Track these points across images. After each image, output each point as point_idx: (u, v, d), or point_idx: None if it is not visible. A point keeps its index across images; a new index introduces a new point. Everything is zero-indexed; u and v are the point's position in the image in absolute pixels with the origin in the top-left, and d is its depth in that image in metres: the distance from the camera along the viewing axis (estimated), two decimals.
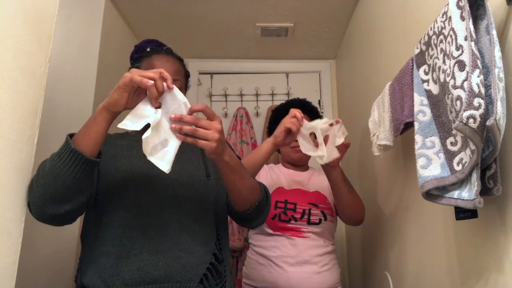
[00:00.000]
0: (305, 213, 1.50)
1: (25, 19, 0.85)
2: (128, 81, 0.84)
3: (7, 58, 0.79)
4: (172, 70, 1.08)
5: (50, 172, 0.84)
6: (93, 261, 0.96)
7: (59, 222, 0.92)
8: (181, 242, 0.98)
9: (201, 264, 0.99)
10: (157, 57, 1.11)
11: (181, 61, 1.17)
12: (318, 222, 1.50)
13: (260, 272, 1.47)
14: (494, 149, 0.71)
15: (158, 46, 1.18)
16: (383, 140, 1.26)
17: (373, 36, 1.77)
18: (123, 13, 2.15)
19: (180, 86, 1.10)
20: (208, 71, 2.72)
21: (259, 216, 1.09)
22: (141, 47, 1.19)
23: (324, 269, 1.46)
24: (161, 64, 1.08)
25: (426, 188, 0.86)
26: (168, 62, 1.10)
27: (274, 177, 1.63)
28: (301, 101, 1.69)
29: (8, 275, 0.79)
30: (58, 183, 0.84)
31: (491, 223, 0.82)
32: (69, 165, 0.83)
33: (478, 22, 0.78)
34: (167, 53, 1.14)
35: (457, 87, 0.72)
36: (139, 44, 1.21)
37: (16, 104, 0.82)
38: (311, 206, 1.51)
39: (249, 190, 1.03)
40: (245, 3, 2.10)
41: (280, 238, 1.48)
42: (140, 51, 1.17)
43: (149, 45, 1.18)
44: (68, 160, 0.84)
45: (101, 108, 0.87)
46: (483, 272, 0.85)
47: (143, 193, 1.01)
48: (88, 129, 0.88)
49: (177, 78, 1.09)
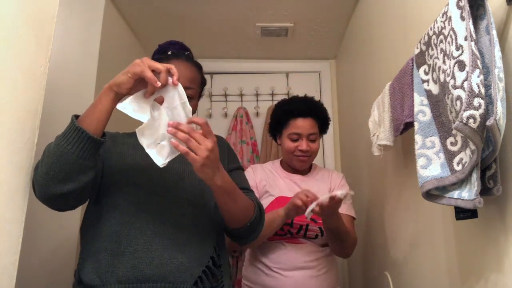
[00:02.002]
0: (302, 229, 1.44)
1: (25, 19, 0.85)
2: (139, 72, 0.86)
3: (7, 58, 0.79)
4: (188, 77, 1.08)
5: (54, 150, 0.85)
6: (90, 256, 0.96)
7: (61, 205, 0.92)
8: (178, 243, 0.98)
9: (197, 266, 0.98)
10: (176, 62, 1.09)
11: (200, 69, 1.17)
12: (315, 237, 1.45)
13: (259, 277, 1.45)
14: (494, 149, 0.71)
15: (180, 50, 1.17)
16: (383, 140, 1.26)
17: (373, 36, 1.77)
18: (123, 13, 2.15)
19: (193, 94, 1.10)
20: (208, 71, 2.71)
21: (250, 235, 1.08)
22: (164, 48, 1.18)
23: (321, 272, 1.44)
24: (179, 70, 1.06)
25: (426, 188, 0.86)
26: (186, 69, 1.09)
27: (271, 181, 1.56)
28: (305, 100, 1.57)
29: (8, 275, 0.79)
30: (61, 161, 0.85)
31: (491, 223, 0.82)
32: (73, 143, 0.85)
33: (478, 22, 0.78)
34: (187, 60, 1.13)
35: (457, 87, 0.72)
36: (163, 45, 1.19)
37: (16, 104, 0.82)
38: (310, 222, 1.44)
39: (242, 211, 1.03)
40: (245, 3, 2.10)
41: (276, 244, 1.45)
42: (162, 52, 1.16)
43: (172, 47, 1.17)
44: (72, 138, 0.85)
45: (106, 87, 0.89)
46: (483, 272, 0.85)
47: (143, 191, 1.01)
48: (93, 108, 0.90)
49: (192, 86, 1.09)
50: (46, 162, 0.86)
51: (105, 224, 0.98)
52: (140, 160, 1.04)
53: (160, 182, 1.03)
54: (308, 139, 1.51)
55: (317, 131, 1.53)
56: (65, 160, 0.85)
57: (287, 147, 1.53)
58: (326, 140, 2.64)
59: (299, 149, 1.50)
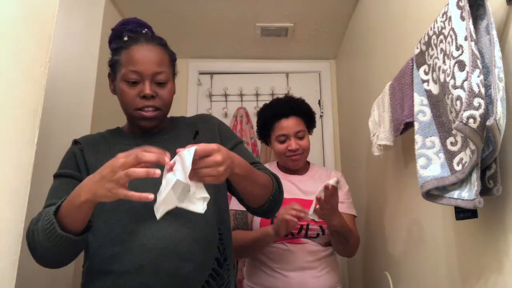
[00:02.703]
0: (303, 229, 1.44)
1: (25, 19, 0.85)
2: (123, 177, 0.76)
3: (7, 58, 0.79)
4: (154, 61, 1.01)
5: (45, 242, 0.86)
6: (95, 276, 0.95)
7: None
8: (181, 251, 0.94)
9: (202, 271, 0.96)
10: (136, 48, 1.02)
11: (164, 46, 1.08)
12: (316, 236, 1.45)
13: (260, 277, 1.45)
14: (494, 149, 0.71)
15: (136, 28, 1.07)
16: (383, 140, 1.26)
17: (373, 36, 1.77)
18: (123, 13, 2.15)
19: (166, 78, 1.04)
20: (208, 71, 2.72)
21: (275, 207, 1.06)
22: (119, 31, 1.07)
23: (323, 272, 1.44)
24: (142, 57, 1.01)
25: (426, 188, 0.86)
26: (149, 53, 1.02)
27: None
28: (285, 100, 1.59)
29: (8, 275, 0.79)
30: (53, 251, 0.87)
31: (491, 223, 0.82)
32: (59, 244, 0.85)
33: (478, 22, 0.78)
34: (147, 41, 1.04)
35: (457, 87, 0.72)
36: (116, 27, 1.08)
37: (16, 104, 0.82)
38: (310, 221, 1.42)
39: (262, 189, 1.01)
40: (245, 3, 2.10)
41: (277, 245, 1.44)
42: (118, 37, 1.07)
43: (126, 28, 1.07)
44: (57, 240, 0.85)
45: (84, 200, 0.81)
46: (483, 272, 0.85)
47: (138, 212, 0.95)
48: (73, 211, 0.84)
49: (161, 69, 1.02)
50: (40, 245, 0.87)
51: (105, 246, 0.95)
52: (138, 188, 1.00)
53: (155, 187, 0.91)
54: (296, 137, 1.52)
55: (303, 128, 1.54)
56: (57, 252, 0.87)
57: (277, 149, 1.54)
58: (326, 140, 2.64)
59: (288, 149, 1.51)
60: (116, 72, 1.05)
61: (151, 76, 1.02)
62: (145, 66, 1.01)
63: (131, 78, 1.01)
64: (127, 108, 1.04)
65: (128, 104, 1.03)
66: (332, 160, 2.59)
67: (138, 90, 1.02)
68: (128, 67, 1.01)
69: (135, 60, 1.01)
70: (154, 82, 1.03)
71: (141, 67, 1.01)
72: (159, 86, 1.03)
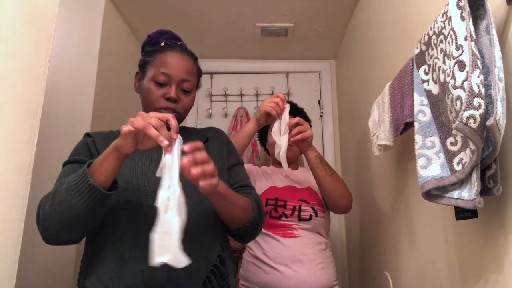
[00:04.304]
0: (296, 210, 1.51)
1: (25, 19, 0.85)
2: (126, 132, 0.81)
3: (7, 58, 0.79)
4: (185, 69, 1.08)
5: (66, 200, 0.85)
6: (95, 264, 0.95)
7: (67, 244, 0.95)
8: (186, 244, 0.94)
9: (205, 266, 0.97)
10: (171, 54, 1.09)
11: (195, 59, 1.16)
12: (309, 218, 1.51)
13: (256, 274, 1.47)
14: (494, 149, 0.71)
15: (172, 39, 1.16)
16: (383, 140, 1.26)
17: (373, 36, 1.77)
18: (123, 13, 2.15)
19: (191, 87, 1.11)
20: (208, 71, 2.72)
21: (252, 233, 1.08)
22: (155, 38, 1.16)
23: (319, 267, 1.46)
24: (175, 62, 1.08)
25: (426, 188, 0.86)
26: (182, 61, 1.09)
27: (268, 177, 1.66)
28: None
29: (8, 275, 0.79)
30: (74, 212, 0.85)
31: (491, 223, 0.82)
32: (86, 198, 0.84)
33: (478, 22, 0.78)
34: (182, 50, 1.12)
35: (457, 87, 0.72)
36: (153, 35, 1.18)
37: (16, 104, 0.82)
38: (301, 203, 1.53)
39: (241, 212, 1.02)
40: (245, 3, 2.09)
41: (272, 240, 1.48)
42: (153, 43, 1.15)
43: (162, 37, 1.16)
44: (85, 193, 0.84)
45: (112, 147, 0.86)
46: (483, 272, 0.85)
47: (143, 194, 0.99)
48: (102, 163, 0.87)
49: (189, 78, 1.09)
50: (57, 210, 0.85)
51: (107, 231, 0.96)
52: (138, 162, 1.03)
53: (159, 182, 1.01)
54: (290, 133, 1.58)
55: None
56: (77, 213, 0.85)
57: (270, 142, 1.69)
58: (326, 140, 2.64)
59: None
60: (146, 72, 1.11)
61: (178, 82, 1.08)
62: (176, 71, 1.07)
63: (160, 79, 1.07)
64: (149, 106, 1.08)
65: (151, 103, 1.07)
66: (332, 160, 2.59)
67: (164, 91, 1.07)
68: (160, 68, 1.07)
69: (168, 63, 1.08)
70: (180, 88, 1.09)
71: (172, 70, 1.07)
72: (183, 93, 1.10)
